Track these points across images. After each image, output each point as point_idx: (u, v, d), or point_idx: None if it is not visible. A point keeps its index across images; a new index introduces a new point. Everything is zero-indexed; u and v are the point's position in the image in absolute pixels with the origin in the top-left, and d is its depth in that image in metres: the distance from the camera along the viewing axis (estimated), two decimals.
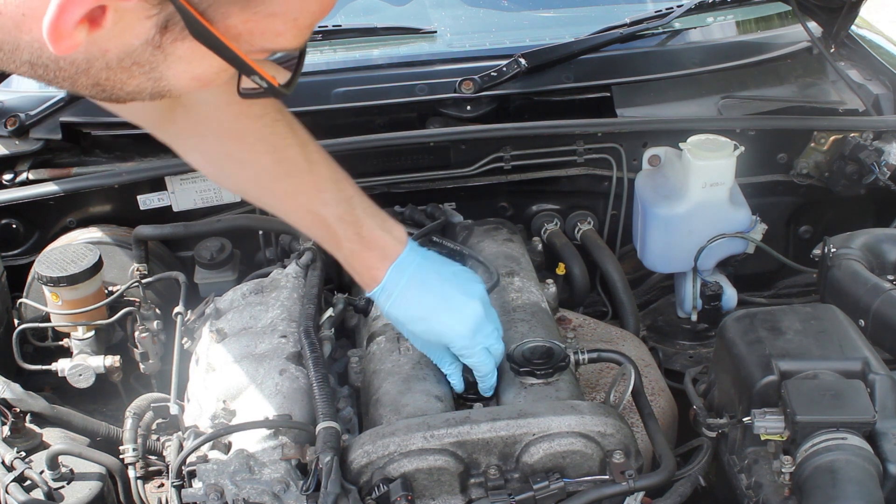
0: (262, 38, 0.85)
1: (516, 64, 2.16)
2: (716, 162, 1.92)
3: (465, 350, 1.45)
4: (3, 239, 2.05)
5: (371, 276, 1.43)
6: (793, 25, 2.38)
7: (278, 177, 1.42)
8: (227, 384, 1.54)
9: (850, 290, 1.70)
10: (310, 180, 1.42)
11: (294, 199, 1.44)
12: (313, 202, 1.42)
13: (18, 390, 1.64)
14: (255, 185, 1.46)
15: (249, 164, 1.42)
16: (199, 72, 0.86)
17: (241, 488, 1.37)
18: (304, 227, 1.50)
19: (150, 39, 0.82)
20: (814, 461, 1.28)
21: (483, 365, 1.47)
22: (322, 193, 1.42)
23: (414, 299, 1.43)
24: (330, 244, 1.46)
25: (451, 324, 1.44)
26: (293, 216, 1.48)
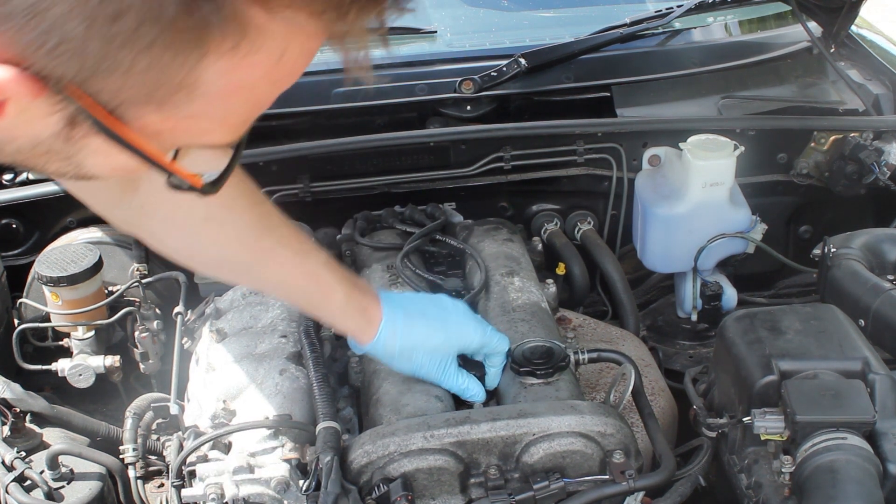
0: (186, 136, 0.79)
1: (516, 64, 2.16)
2: (716, 162, 1.93)
3: (484, 341, 1.47)
4: (3, 239, 2.05)
5: (367, 316, 1.41)
6: (793, 25, 2.38)
7: (261, 233, 1.35)
8: (227, 384, 1.54)
9: (850, 290, 1.70)
10: (288, 231, 1.37)
11: (277, 256, 1.36)
12: (298, 254, 1.37)
13: (18, 390, 1.64)
14: (236, 246, 1.35)
15: (231, 224, 1.33)
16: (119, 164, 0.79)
17: (241, 488, 1.37)
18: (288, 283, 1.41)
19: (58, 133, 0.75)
20: (814, 461, 1.28)
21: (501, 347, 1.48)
22: (302, 244, 1.38)
23: (420, 321, 1.44)
24: (320, 295, 1.40)
25: (463, 324, 1.47)
26: (276, 274, 1.38)
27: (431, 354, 1.45)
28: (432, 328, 1.45)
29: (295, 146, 2.04)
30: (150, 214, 1.30)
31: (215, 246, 1.36)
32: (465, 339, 1.47)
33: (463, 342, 1.47)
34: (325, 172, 2.10)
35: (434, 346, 1.45)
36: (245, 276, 1.44)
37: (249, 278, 1.44)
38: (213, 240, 1.34)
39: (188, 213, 1.30)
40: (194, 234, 1.34)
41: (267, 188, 2.08)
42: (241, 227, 1.33)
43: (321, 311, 1.45)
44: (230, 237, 1.34)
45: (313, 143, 2.06)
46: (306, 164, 2.07)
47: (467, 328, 1.47)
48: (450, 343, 1.46)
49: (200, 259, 1.41)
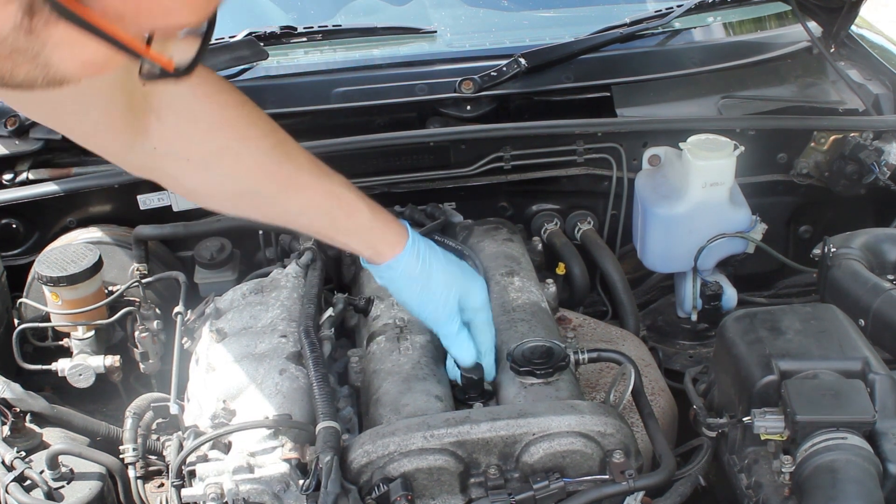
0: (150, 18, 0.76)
1: (516, 64, 2.16)
2: (716, 162, 1.92)
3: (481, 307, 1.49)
4: (3, 239, 2.05)
5: (392, 229, 1.41)
6: (793, 25, 2.38)
7: (279, 159, 1.34)
8: (227, 384, 1.54)
9: (850, 290, 1.70)
10: (305, 157, 1.36)
11: (297, 180, 1.35)
12: (318, 177, 1.36)
13: (18, 390, 1.64)
14: (255, 175, 1.34)
15: (247, 153, 1.32)
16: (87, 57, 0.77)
17: (241, 488, 1.37)
18: (312, 206, 1.39)
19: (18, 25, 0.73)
20: (814, 461, 1.28)
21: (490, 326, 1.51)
22: (320, 167, 1.37)
23: (441, 253, 1.46)
24: (342, 214, 1.39)
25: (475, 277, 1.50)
26: (297, 199, 1.38)
27: (446, 287, 1.45)
28: (451, 262, 1.47)
29: None
30: (164, 155, 1.28)
31: (233, 179, 1.34)
32: (473, 289, 1.49)
33: (471, 291, 1.48)
34: None
35: (449, 280, 1.45)
36: (268, 208, 1.41)
37: (272, 210, 1.41)
38: (231, 171, 1.32)
39: (203, 147, 1.29)
40: (211, 169, 1.32)
41: None
42: (258, 156, 1.32)
43: (348, 231, 1.42)
44: (248, 167, 1.32)
45: (313, 143, 2.05)
46: None
47: (476, 285, 1.49)
48: (461, 284, 1.47)
49: (220, 195, 1.38)
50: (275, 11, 2.56)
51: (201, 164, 1.32)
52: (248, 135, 1.32)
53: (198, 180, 1.35)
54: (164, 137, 1.26)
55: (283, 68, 2.29)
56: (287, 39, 2.25)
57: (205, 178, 1.34)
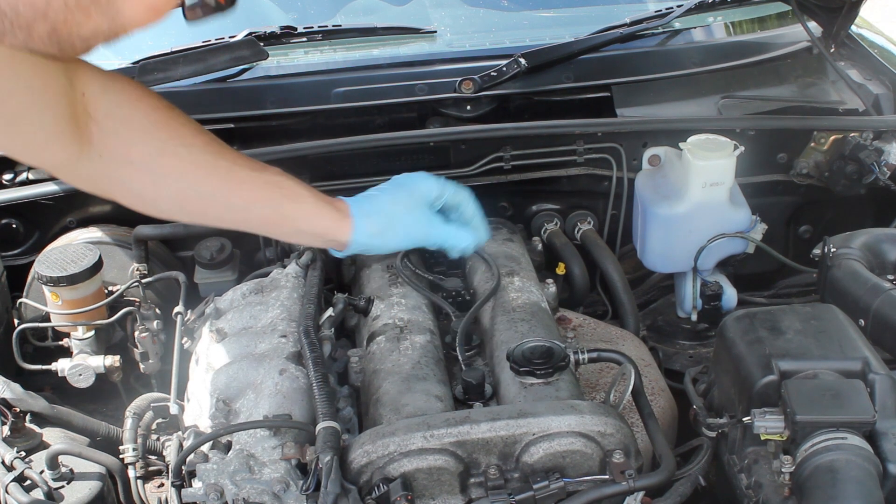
0: None
1: (516, 64, 2.16)
2: (716, 162, 1.92)
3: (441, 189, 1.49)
4: (3, 239, 2.05)
5: (337, 207, 1.43)
6: (793, 25, 2.38)
7: (215, 156, 1.37)
8: (227, 384, 1.54)
9: (850, 290, 1.70)
10: (237, 154, 1.40)
11: (237, 174, 1.38)
12: (255, 169, 1.39)
13: (18, 390, 1.64)
14: (196, 173, 1.37)
15: (185, 151, 1.35)
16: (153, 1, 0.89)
17: (241, 488, 1.37)
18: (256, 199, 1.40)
19: None
20: (814, 461, 1.28)
21: (461, 191, 1.52)
22: (254, 161, 1.40)
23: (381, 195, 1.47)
24: (288, 201, 1.41)
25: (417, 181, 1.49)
26: (241, 194, 1.39)
27: (409, 215, 1.46)
28: (394, 194, 1.47)
29: (295, 146, 2.04)
30: (109, 161, 1.31)
31: (175, 179, 1.36)
32: (425, 191, 1.48)
33: (426, 194, 1.48)
34: (325, 172, 2.10)
35: (406, 207, 1.46)
36: (214, 207, 1.42)
37: (219, 208, 1.42)
38: (173, 172, 1.35)
39: (143, 149, 1.33)
40: (155, 171, 1.35)
41: None
42: (195, 153, 1.35)
43: (296, 218, 1.43)
44: (188, 164, 1.35)
45: (313, 143, 2.06)
46: (306, 164, 2.07)
47: (422, 182, 1.48)
48: (416, 198, 1.47)
49: (166, 197, 1.40)
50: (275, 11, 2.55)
51: (143, 165, 1.34)
52: (182, 133, 1.35)
53: (144, 183, 1.37)
54: (106, 143, 1.30)
55: (283, 68, 2.28)
56: (287, 39, 2.25)
57: (150, 181, 1.36)
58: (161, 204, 1.42)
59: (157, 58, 2.11)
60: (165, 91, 2.04)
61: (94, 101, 1.29)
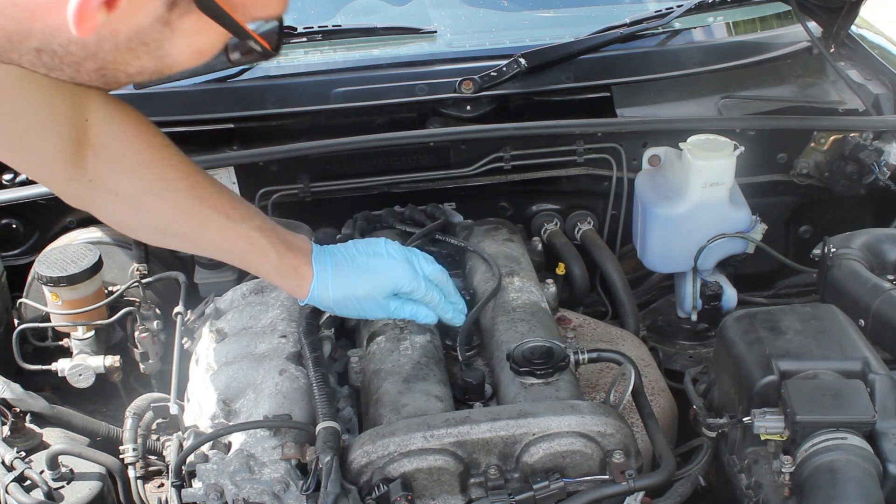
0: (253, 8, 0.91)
1: (516, 64, 2.16)
2: (716, 162, 1.92)
3: (411, 287, 1.55)
4: (3, 239, 2.05)
5: (299, 274, 1.50)
6: (793, 25, 2.38)
7: (196, 202, 1.43)
8: (227, 384, 1.54)
9: (850, 290, 1.70)
10: (221, 200, 1.45)
11: (214, 222, 1.45)
12: (232, 220, 1.45)
13: (18, 390, 1.64)
14: (175, 215, 1.44)
15: (168, 194, 1.42)
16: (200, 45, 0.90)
17: (241, 488, 1.37)
18: (226, 248, 1.50)
19: (159, 17, 0.85)
20: (814, 461, 1.28)
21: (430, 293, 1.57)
22: (236, 210, 1.46)
23: (349, 272, 1.53)
24: (255, 257, 1.49)
25: (392, 269, 1.55)
26: (214, 240, 1.48)
27: (365, 301, 1.54)
28: (361, 277, 1.53)
29: (295, 146, 2.04)
30: (97, 188, 1.39)
31: (155, 216, 1.45)
32: (394, 282, 1.54)
33: (393, 285, 1.54)
34: (325, 172, 2.10)
35: (365, 294, 1.53)
36: (187, 244, 1.56)
37: (191, 245, 1.56)
38: (153, 210, 1.44)
39: (129, 185, 1.40)
40: (136, 206, 1.43)
41: (267, 188, 2.08)
42: (177, 197, 1.42)
43: (259, 272, 1.54)
44: (168, 207, 1.43)
45: (313, 143, 2.06)
46: (306, 164, 2.08)
47: (396, 273, 1.54)
48: (380, 287, 1.54)
49: (144, 230, 1.51)
50: None
51: (127, 200, 1.42)
52: (169, 176, 1.42)
53: (125, 215, 1.46)
54: (97, 171, 1.38)
55: (283, 68, 2.28)
56: (287, 39, 2.25)
57: (131, 214, 1.45)
58: (139, 234, 1.55)
59: None
60: (166, 91, 2.05)
61: (96, 129, 1.36)
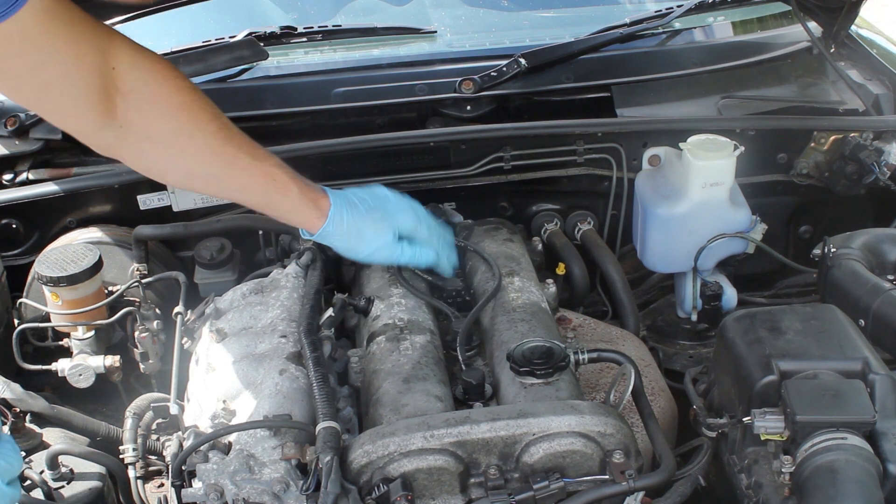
0: None
1: (516, 64, 2.16)
2: (716, 162, 1.92)
3: (414, 232, 1.68)
4: (3, 239, 2.05)
5: (318, 206, 1.59)
6: (793, 25, 2.38)
7: (223, 142, 1.50)
8: (227, 384, 1.54)
9: (850, 290, 1.70)
10: (244, 141, 1.53)
11: (239, 161, 1.52)
12: (256, 158, 1.53)
13: (18, 390, 1.64)
14: (204, 156, 1.51)
15: (200, 135, 1.48)
16: None
17: (241, 488, 1.37)
18: (250, 185, 1.56)
19: None
20: (814, 461, 1.28)
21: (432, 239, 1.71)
22: (257, 150, 1.54)
23: (362, 210, 1.63)
24: (277, 193, 1.56)
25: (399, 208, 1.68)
26: (239, 179, 1.54)
27: (374, 238, 1.64)
28: (372, 214, 1.64)
29: (295, 146, 2.04)
30: (128, 134, 1.44)
31: (185, 158, 1.51)
32: (399, 222, 1.67)
33: (398, 225, 1.67)
34: (325, 172, 2.10)
35: (375, 232, 1.64)
36: (212, 185, 1.62)
37: (216, 186, 1.62)
38: (185, 152, 1.50)
39: (161, 127, 1.46)
40: (168, 148, 1.49)
41: None
42: (207, 138, 1.49)
43: (279, 207, 1.61)
44: (198, 148, 1.50)
45: (313, 143, 2.06)
46: (306, 164, 2.07)
47: (401, 214, 1.67)
48: (387, 225, 1.66)
49: (173, 173, 1.57)
50: (275, 11, 2.56)
51: (160, 142, 1.48)
52: (199, 118, 1.49)
53: (156, 157, 1.51)
54: (128, 117, 1.42)
55: (283, 68, 2.29)
56: (287, 39, 2.25)
57: (163, 156, 1.51)
58: (168, 176, 1.61)
59: None
60: None
61: (123, 76, 1.40)
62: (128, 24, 2.19)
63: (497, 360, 1.58)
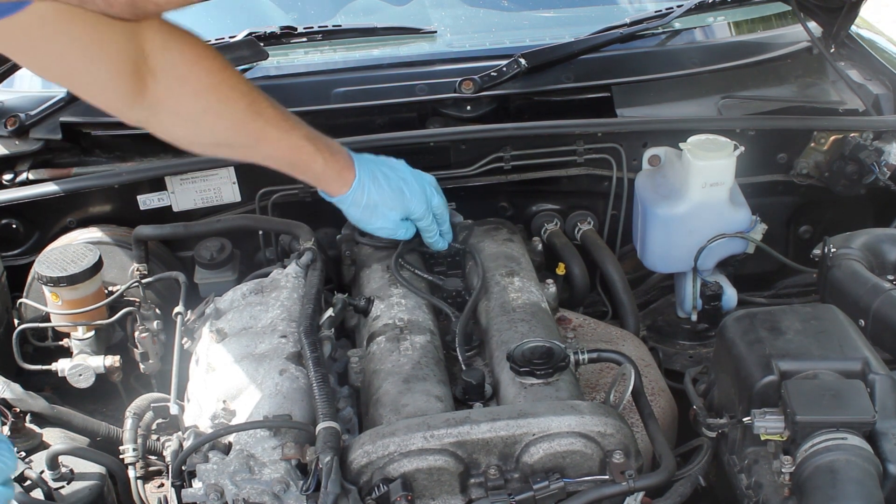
0: None
1: (516, 64, 2.16)
2: (716, 162, 1.92)
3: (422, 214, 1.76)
4: (3, 239, 2.05)
5: (342, 176, 1.68)
6: (793, 25, 2.38)
7: (252, 117, 1.57)
8: (227, 384, 1.54)
9: (850, 290, 1.70)
10: (274, 114, 1.60)
11: (267, 134, 1.59)
12: (285, 131, 1.61)
13: (18, 390, 1.64)
14: (232, 130, 1.59)
15: (228, 114, 1.56)
16: None
17: (241, 488, 1.37)
18: (276, 156, 1.65)
19: None
20: (814, 461, 1.28)
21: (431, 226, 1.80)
22: (286, 121, 1.61)
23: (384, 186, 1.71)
24: (303, 163, 1.65)
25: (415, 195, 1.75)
26: (266, 150, 1.62)
27: (387, 214, 1.74)
28: (391, 193, 1.72)
29: None
30: (159, 111, 1.51)
31: (213, 132, 1.60)
32: (412, 206, 1.75)
33: (411, 208, 1.75)
34: None
35: (389, 209, 1.73)
36: (239, 153, 1.71)
37: (242, 154, 1.70)
38: (213, 127, 1.58)
39: (190, 106, 1.54)
40: (196, 124, 1.57)
41: (267, 188, 2.08)
42: (235, 115, 1.57)
43: (305, 174, 1.70)
44: (226, 124, 1.58)
45: None
46: None
47: (414, 200, 1.75)
48: (400, 207, 1.74)
49: (201, 144, 1.65)
50: (275, 11, 2.56)
51: (189, 118, 1.55)
52: (229, 97, 1.55)
53: (185, 131, 1.59)
54: (158, 96, 1.48)
55: (283, 68, 2.29)
56: (287, 39, 2.25)
57: (191, 130, 1.59)
58: (195, 147, 1.67)
59: None
60: None
61: (154, 57, 1.46)
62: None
63: (497, 361, 1.58)
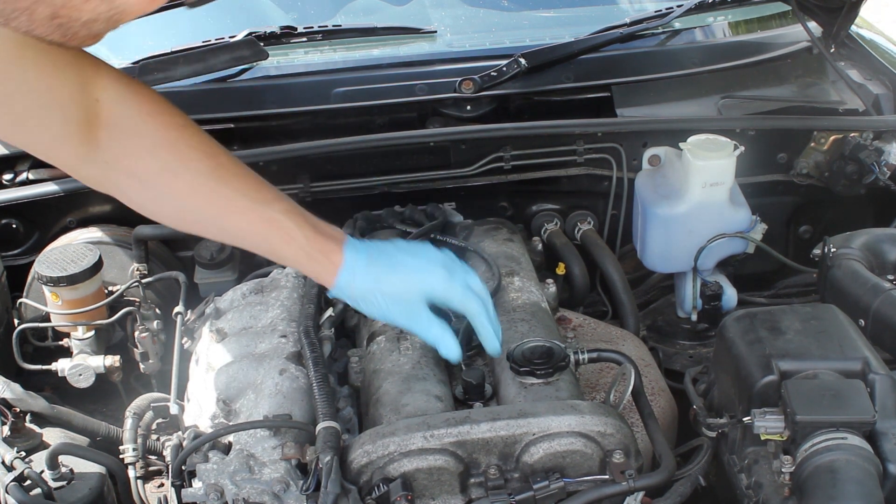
0: None
1: (516, 64, 2.16)
2: (716, 162, 1.92)
3: (447, 293, 1.41)
4: (3, 239, 2.05)
5: (330, 259, 1.39)
6: (793, 25, 2.38)
7: (218, 182, 1.37)
8: (227, 384, 1.54)
9: (850, 290, 1.70)
10: (246, 182, 1.39)
11: (236, 204, 1.38)
12: (256, 202, 1.38)
13: (18, 390, 1.64)
14: (195, 197, 1.38)
15: (188, 175, 1.36)
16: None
17: (241, 488, 1.38)
18: (250, 232, 1.40)
19: None
20: (814, 461, 1.28)
21: (469, 301, 1.42)
22: (261, 192, 1.39)
23: (382, 266, 1.40)
24: (280, 241, 1.39)
25: (428, 271, 1.41)
26: (237, 223, 1.39)
27: (392, 299, 1.40)
28: (392, 272, 1.40)
29: (295, 146, 2.04)
30: (113, 169, 1.35)
31: (175, 199, 1.39)
32: (426, 283, 1.40)
33: (425, 286, 1.40)
34: (325, 172, 2.10)
35: (394, 291, 1.40)
36: (210, 229, 1.47)
37: (215, 230, 1.47)
38: (171, 191, 1.38)
39: (146, 165, 1.35)
40: (154, 187, 1.37)
41: None
42: (197, 178, 1.36)
43: (283, 256, 1.44)
44: (187, 188, 1.37)
45: (313, 143, 2.06)
46: (306, 164, 2.08)
47: (431, 275, 1.41)
48: (410, 286, 1.40)
49: (164, 212, 1.44)
50: (275, 11, 2.56)
51: (146, 181, 1.37)
52: (189, 156, 1.36)
53: (144, 197, 1.40)
54: (112, 152, 1.33)
55: (283, 68, 2.29)
56: (287, 39, 2.25)
57: (149, 195, 1.39)
58: (161, 217, 1.46)
59: (158, 58, 2.11)
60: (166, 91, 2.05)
61: (108, 109, 1.31)
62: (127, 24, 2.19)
63: (497, 360, 1.58)
